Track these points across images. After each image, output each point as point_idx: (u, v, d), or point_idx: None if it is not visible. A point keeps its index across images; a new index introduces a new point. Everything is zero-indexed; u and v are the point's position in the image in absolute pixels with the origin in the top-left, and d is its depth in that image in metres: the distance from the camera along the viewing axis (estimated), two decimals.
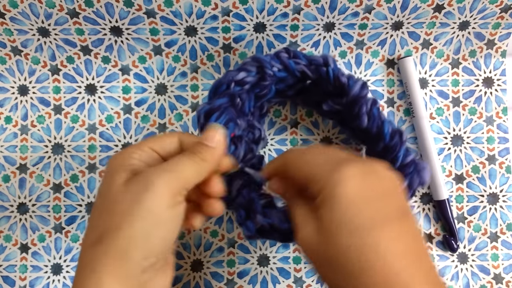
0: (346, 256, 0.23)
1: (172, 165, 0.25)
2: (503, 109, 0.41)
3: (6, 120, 0.40)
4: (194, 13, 0.38)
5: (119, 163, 0.26)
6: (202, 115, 0.30)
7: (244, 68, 0.32)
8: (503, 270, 0.40)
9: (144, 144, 0.27)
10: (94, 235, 0.24)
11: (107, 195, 0.25)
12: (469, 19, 0.39)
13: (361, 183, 0.24)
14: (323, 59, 0.32)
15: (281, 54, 0.33)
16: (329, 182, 0.24)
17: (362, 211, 0.23)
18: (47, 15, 0.38)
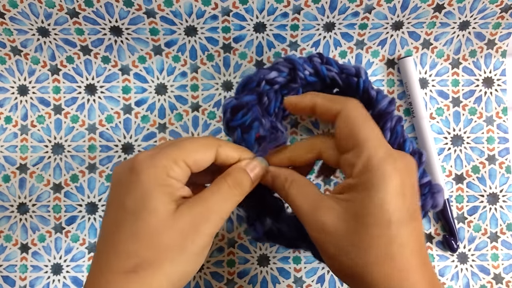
0: (373, 245, 0.23)
1: (218, 204, 0.25)
2: (503, 109, 0.41)
3: (6, 120, 0.40)
4: (194, 13, 0.38)
5: (156, 181, 0.24)
6: (228, 110, 0.30)
7: (277, 68, 0.32)
8: (503, 270, 0.40)
9: (179, 158, 0.25)
10: (129, 262, 0.23)
11: (149, 221, 0.23)
12: (469, 19, 0.39)
13: (404, 179, 0.24)
14: (355, 69, 0.32)
15: (314, 58, 0.32)
16: (379, 170, 0.24)
17: (399, 209, 0.23)
18: (47, 15, 0.38)
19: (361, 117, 0.25)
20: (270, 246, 0.40)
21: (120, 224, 0.24)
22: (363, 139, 0.24)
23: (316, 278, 0.40)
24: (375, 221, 0.23)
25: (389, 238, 0.23)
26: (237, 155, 0.27)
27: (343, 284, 0.40)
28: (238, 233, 0.40)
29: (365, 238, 0.23)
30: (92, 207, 0.40)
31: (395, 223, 0.23)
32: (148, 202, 0.23)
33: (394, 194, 0.23)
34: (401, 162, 0.24)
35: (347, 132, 0.25)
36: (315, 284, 0.40)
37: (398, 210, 0.23)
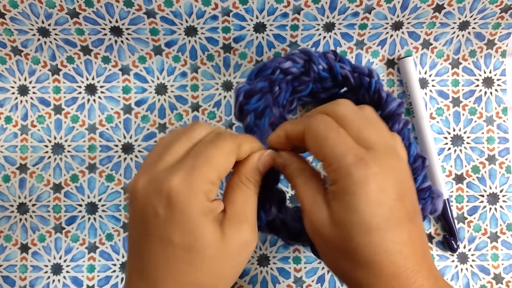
0: (359, 250, 0.23)
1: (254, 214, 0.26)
2: (503, 109, 0.41)
3: (6, 120, 0.40)
4: (194, 13, 0.38)
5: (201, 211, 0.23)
6: (242, 94, 0.29)
7: (292, 58, 0.32)
8: (503, 270, 0.40)
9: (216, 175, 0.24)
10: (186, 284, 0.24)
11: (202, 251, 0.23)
12: (469, 19, 0.39)
13: (383, 182, 0.23)
14: (368, 69, 0.32)
15: (329, 55, 0.32)
16: (349, 177, 0.23)
17: (378, 212, 0.23)
18: (47, 15, 0.38)
19: (323, 129, 0.24)
20: (270, 245, 0.40)
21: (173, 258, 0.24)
22: (329, 149, 0.24)
23: (316, 278, 0.40)
24: (355, 228, 0.23)
25: (374, 245, 0.23)
26: (250, 149, 0.27)
27: (343, 284, 0.40)
28: None
29: (350, 244, 0.23)
30: (92, 207, 0.40)
31: (375, 230, 0.22)
32: (199, 234, 0.23)
33: (369, 199, 0.23)
34: (376, 165, 0.23)
35: (315, 147, 0.25)
36: (315, 284, 0.40)
37: (378, 216, 0.23)
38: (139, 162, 0.40)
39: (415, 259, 0.23)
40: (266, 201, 0.29)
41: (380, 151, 0.24)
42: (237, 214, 0.25)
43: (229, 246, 0.24)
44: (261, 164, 0.27)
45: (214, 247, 0.24)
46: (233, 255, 0.24)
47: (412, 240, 0.23)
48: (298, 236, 0.31)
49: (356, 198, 0.23)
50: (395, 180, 0.24)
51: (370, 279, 0.23)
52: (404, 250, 0.23)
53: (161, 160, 0.25)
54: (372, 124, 0.26)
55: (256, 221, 0.26)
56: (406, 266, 0.23)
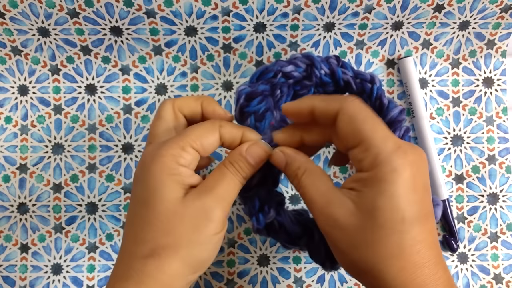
0: (389, 241, 0.23)
1: (224, 190, 0.26)
2: (503, 109, 0.41)
3: (6, 120, 0.40)
4: (194, 13, 0.38)
5: (165, 170, 0.25)
6: (243, 96, 0.29)
7: (294, 62, 0.32)
8: (503, 270, 0.40)
9: (187, 144, 0.26)
10: (145, 247, 0.24)
11: (159, 209, 0.25)
12: (469, 19, 0.39)
13: (416, 173, 0.23)
14: (370, 76, 0.32)
15: (331, 60, 0.32)
16: (388, 163, 0.23)
17: (411, 203, 0.23)
18: (47, 15, 0.38)
19: (363, 112, 0.24)
20: (270, 245, 0.40)
21: (136, 214, 0.25)
22: (368, 133, 0.24)
23: (316, 278, 0.40)
24: (387, 216, 0.23)
25: (402, 233, 0.23)
26: (239, 132, 0.28)
27: (343, 284, 0.40)
28: (238, 233, 0.40)
29: (378, 233, 0.23)
30: (92, 207, 0.40)
31: (408, 218, 0.23)
32: (159, 191, 0.25)
33: (405, 188, 0.23)
34: (412, 154, 0.23)
35: (350, 129, 0.24)
36: (315, 284, 0.40)
37: (411, 205, 0.23)
38: None
39: (437, 251, 0.24)
40: (264, 203, 0.29)
41: (409, 145, 0.24)
42: (204, 185, 0.26)
43: (186, 208, 0.25)
44: (249, 154, 0.27)
45: (169, 204, 0.25)
46: (189, 219, 0.25)
47: (433, 234, 0.24)
48: (296, 239, 0.31)
49: (393, 185, 0.23)
50: (424, 173, 0.24)
51: (395, 270, 0.23)
52: (429, 240, 0.23)
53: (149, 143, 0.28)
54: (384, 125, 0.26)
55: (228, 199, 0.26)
56: (430, 256, 0.23)
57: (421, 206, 0.23)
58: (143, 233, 0.25)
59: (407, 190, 0.23)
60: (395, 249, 0.23)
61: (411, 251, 0.23)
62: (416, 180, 0.23)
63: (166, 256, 0.24)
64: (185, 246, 0.25)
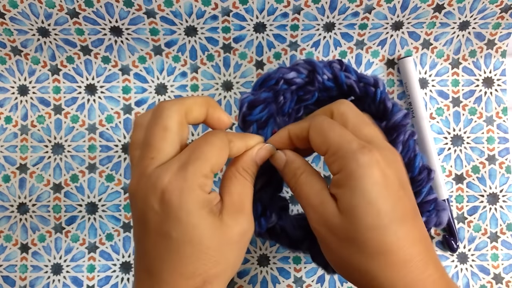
0: (370, 238, 0.23)
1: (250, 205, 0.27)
2: (503, 109, 0.41)
3: (6, 120, 0.40)
4: (194, 13, 0.38)
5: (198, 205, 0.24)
6: (245, 105, 0.30)
7: (296, 69, 0.32)
8: (503, 270, 0.40)
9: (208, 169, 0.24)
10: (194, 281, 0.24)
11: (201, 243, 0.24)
12: (469, 19, 0.39)
13: (385, 169, 0.24)
14: (374, 79, 0.32)
15: (334, 64, 0.32)
16: (353, 161, 0.24)
17: (385, 197, 0.23)
18: (47, 15, 0.38)
19: (330, 124, 0.26)
20: (270, 245, 0.40)
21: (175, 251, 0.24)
22: (334, 139, 0.25)
23: (316, 278, 0.40)
24: (363, 212, 0.23)
25: (381, 229, 0.23)
26: (243, 144, 0.28)
27: (343, 284, 0.40)
28: None
29: (359, 231, 0.23)
30: (92, 207, 0.40)
31: (384, 213, 0.23)
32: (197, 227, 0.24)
33: (375, 183, 0.23)
34: (378, 152, 0.24)
35: (320, 140, 0.26)
36: (315, 284, 0.40)
37: (385, 199, 0.23)
38: None
39: (424, 249, 0.24)
40: (266, 208, 0.30)
41: (379, 144, 0.25)
42: (234, 204, 0.26)
43: (228, 235, 0.25)
44: (258, 157, 0.28)
45: (213, 237, 0.24)
46: (232, 244, 0.25)
47: (419, 233, 0.24)
48: (298, 244, 0.31)
49: (362, 181, 0.23)
50: (396, 170, 0.25)
51: (381, 268, 0.23)
52: (412, 236, 0.23)
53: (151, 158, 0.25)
54: (369, 124, 0.27)
55: (252, 210, 0.27)
56: (415, 254, 0.23)
57: (399, 202, 0.24)
58: (191, 266, 0.24)
59: (378, 186, 0.23)
60: (377, 246, 0.23)
61: (392, 248, 0.23)
62: (387, 176, 0.24)
63: (217, 283, 0.25)
64: (231, 270, 0.26)
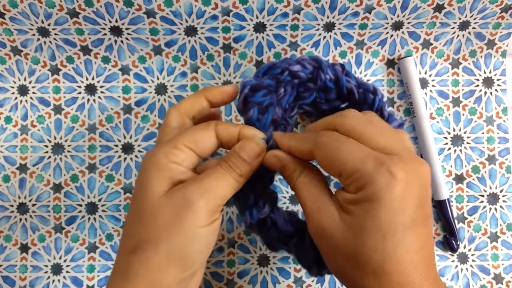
0: (369, 256, 0.23)
1: (211, 182, 0.25)
2: (503, 109, 0.41)
3: (6, 120, 0.40)
4: (194, 13, 0.38)
5: (155, 167, 0.25)
6: (248, 87, 0.29)
7: (302, 63, 0.31)
8: (503, 270, 0.40)
9: (180, 142, 0.26)
10: (130, 243, 0.25)
11: (144, 203, 0.25)
12: (469, 19, 0.39)
13: (406, 189, 0.23)
14: (373, 87, 0.32)
15: (336, 67, 0.32)
16: (372, 183, 0.22)
17: (398, 220, 0.22)
18: (47, 15, 0.38)
19: (336, 142, 0.24)
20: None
21: (129, 210, 0.26)
22: (345, 161, 0.23)
23: (316, 278, 0.40)
24: (370, 237, 0.22)
25: (386, 253, 0.22)
26: (236, 129, 0.27)
27: (343, 285, 0.40)
28: (238, 233, 0.40)
29: (362, 251, 0.23)
30: (92, 207, 0.40)
31: (391, 238, 0.22)
32: (146, 186, 0.25)
33: (391, 208, 0.22)
34: (400, 170, 0.23)
35: (327, 163, 0.25)
36: (315, 284, 0.40)
37: (396, 224, 0.22)
38: (139, 162, 0.40)
39: (424, 267, 0.23)
40: (259, 198, 0.29)
41: (403, 156, 0.24)
42: (191, 179, 0.26)
43: (167, 200, 0.24)
44: (242, 150, 0.27)
45: (153, 198, 0.25)
46: (169, 210, 0.24)
47: (423, 247, 0.23)
48: (287, 239, 0.31)
49: (378, 206, 0.22)
50: (418, 185, 0.23)
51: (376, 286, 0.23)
52: (415, 258, 0.23)
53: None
54: (382, 130, 0.25)
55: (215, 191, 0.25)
56: (415, 275, 0.23)
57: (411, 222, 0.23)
58: (130, 229, 0.25)
59: (394, 209, 0.22)
60: (378, 268, 0.23)
61: (392, 271, 0.22)
62: (408, 196, 0.23)
63: (148, 250, 0.24)
64: (166, 239, 0.24)
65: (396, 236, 0.22)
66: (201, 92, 0.30)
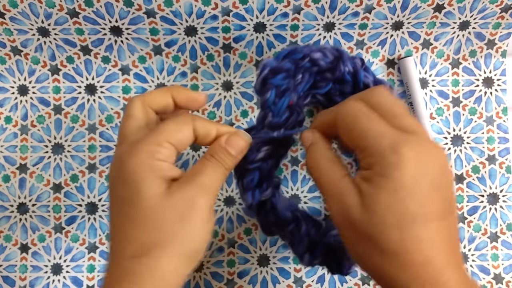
0: (389, 237, 0.23)
1: (209, 179, 0.26)
2: (503, 109, 0.41)
3: (6, 120, 0.40)
4: (194, 13, 0.38)
5: (144, 167, 0.25)
6: (268, 68, 0.29)
7: (323, 51, 0.31)
8: (503, 270, 0.40)
9: (162, 139, 0.25)
10: (131, 248, 0.24)
11: (142, 207, 0.24)
12: (469, 19, 0.39)
13: (416, 168, 0.23)
14: (389, 86, 0.32)
15: (356, 60, 0.32)
16: (384, 160, 0.23)
17: (413, 198, 0.23)
18: (47, 15, 0.38)
19: (356, 115, 0.25)
20: (270, 246, 0.40)
21: (121, 214, 0.25)
22: (362, 135, 0.24)
23: (316, 278, 0.40)
24: (387, 213, 0.23)
25: (404, 230, 0.22)
26: (214, 127, 0.27)
27: (343, 284, 0.40)
28: (238, 233, 0.40)
29: (379, 229, 0.23)
30: (92, 207, 0.40)
31: (406, 215, 0.22)
32: (141, 188, 0.24)
33: (403, 184, 0.22)
34: (415, 147, 0.23)
35: (346, 134, 0.25)
36: (315, 284, 0.40)
37: (410, 201, 0.22)
38: None
39: (446, 251, 0.23)
40: (264, 180, 0.29)
41: (422, 136, 0.24)
42: (186, 176, 0.26)
43: (169, 201, 0.24)
44: (229, 145, 0.27)
45: (154, 200, 0.24)
46: (174, 211, 0.24)
47: (445, 236, 0.23)
48: (284, 225, 0.31)
49: (390, 182, 0.23)
50: (434, 167, 0.23)
51: (397, 268, 0.23)
52: (435, 240, 0.23)
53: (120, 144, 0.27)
54: (408, 111, 0.26)
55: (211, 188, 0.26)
56: (436, 256, 0.22)
57: (427, 203, 0.23)
58: (131, 232, 0.25)
59: (406, 187, 0.22)
60: (394, 246, 0.23)
61: (410, 249, 0.22)
62: (418, 176, 0.23)
63: (156, 253, 0.24)
64: (174, 239, 0.24)
65: (413, 215, 0.22)
66: (168, 89, 0.29)
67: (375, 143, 0.23)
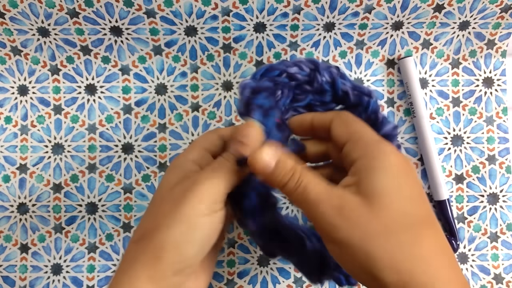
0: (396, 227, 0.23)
1: (215, 170, 0.26)
2: (503, 109, 0.41)
3: (6, 120, 0.40)
4: (194, 13, 0.38)
5: (175, 164, 0.28)
6: (248, 90, 0.29)
7: (298, 65, 0.32)
8: (503, 270, 0.40)
9: (197, 144, 0.29)
10: (136, 233, 0.26)
11: (155, 196, 0.27)
12: (469, 19, 0.39)
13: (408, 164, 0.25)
14: (367, 90, 0.32)
15: (332, 69, 0.32)
16: (377, 148, 0.25)
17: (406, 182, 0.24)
18: (47, 15, 0.38)
19: (353, 117, 0.28)
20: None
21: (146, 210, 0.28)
22: (358, 128, 0.27)
23: None
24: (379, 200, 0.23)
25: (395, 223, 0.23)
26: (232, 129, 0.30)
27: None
28: (238, 233, 0.40)
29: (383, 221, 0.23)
30: (92, 207, 0.40)
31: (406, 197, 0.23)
32: (161, 182, 0.27)
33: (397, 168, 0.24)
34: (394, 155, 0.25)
35: (343, 128, 0.27)
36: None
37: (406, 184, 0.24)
38: (139, 162, 0.40)
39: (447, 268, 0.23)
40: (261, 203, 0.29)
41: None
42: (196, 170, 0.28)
43: (173, 190, 0.26)
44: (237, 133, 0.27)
45: (165, 190, 0.27)
46: (174, 199, 0.25)
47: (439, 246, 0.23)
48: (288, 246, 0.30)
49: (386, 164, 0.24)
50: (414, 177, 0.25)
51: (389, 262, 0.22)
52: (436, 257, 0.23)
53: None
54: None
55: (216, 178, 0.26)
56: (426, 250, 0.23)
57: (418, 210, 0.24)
58: (142, 218, 0.27)
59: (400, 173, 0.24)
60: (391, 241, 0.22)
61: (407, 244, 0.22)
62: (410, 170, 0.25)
63: (150, 239, 0.25)
64: (163, 226, 0.24)
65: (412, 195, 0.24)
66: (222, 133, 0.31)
67: (368, 135, 0.26)
